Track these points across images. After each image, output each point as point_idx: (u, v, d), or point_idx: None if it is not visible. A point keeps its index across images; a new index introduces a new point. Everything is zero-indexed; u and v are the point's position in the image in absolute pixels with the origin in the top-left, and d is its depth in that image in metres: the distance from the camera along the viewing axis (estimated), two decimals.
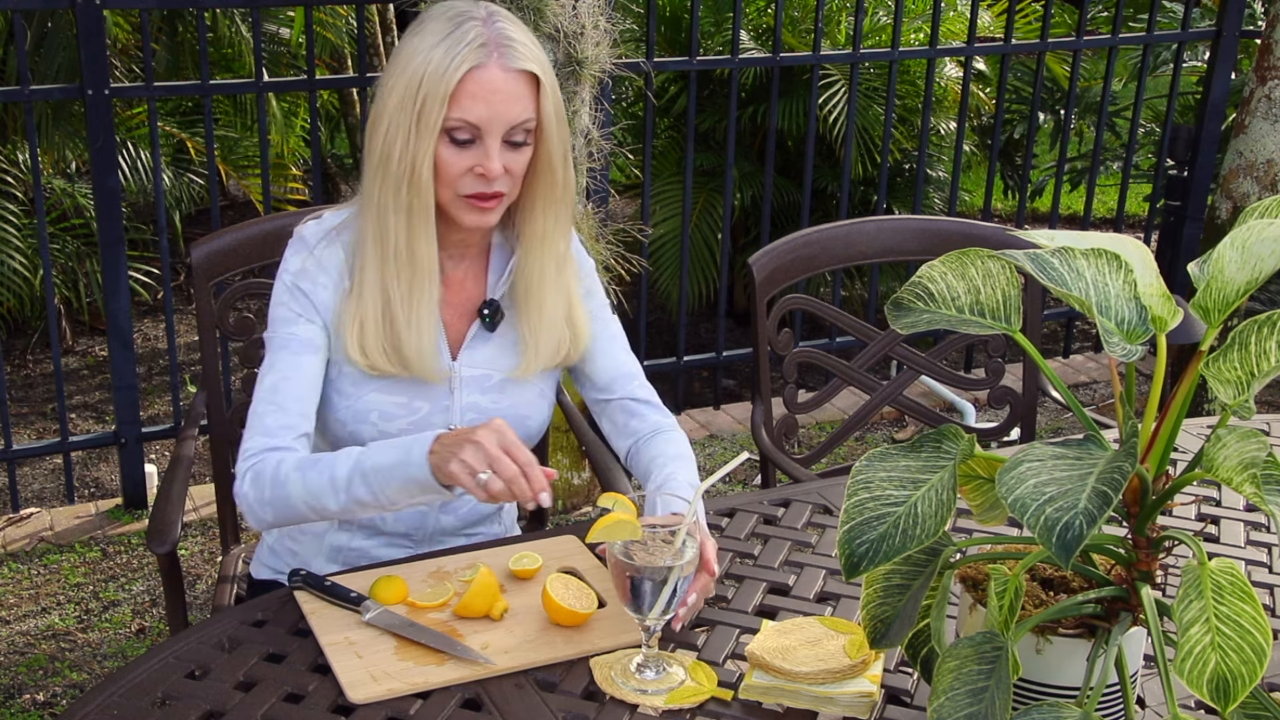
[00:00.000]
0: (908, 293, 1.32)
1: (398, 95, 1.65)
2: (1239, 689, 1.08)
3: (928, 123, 4.31)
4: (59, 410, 3.59)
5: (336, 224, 1.78)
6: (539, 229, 1.77)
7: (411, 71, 1.64)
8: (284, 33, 5.45)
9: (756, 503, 1.89)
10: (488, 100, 1.64)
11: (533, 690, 1.44)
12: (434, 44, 1.64)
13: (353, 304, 1.73)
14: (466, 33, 1.63)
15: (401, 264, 1.70)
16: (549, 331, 1.80)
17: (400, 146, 1.65)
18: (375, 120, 1.69)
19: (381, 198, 1.69)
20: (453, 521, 1.87)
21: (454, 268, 1.81)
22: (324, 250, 1.76)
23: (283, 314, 1.75)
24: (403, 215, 1.68)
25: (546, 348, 1.80)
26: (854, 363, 2.36)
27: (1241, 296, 1.22)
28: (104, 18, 3.26)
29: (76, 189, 4.79)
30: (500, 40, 1.64)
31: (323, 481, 1.62)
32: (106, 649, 3.04)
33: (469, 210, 1.70)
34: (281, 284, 1.76)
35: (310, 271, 1.75)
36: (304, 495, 1.64)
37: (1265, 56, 3.98)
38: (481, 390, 1.80)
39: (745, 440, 4.15)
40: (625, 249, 3.37)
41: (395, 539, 1.85)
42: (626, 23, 4.74)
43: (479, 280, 1.83)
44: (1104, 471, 1.12)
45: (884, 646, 1.30)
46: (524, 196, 1.76)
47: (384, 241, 1.70)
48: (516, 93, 1.65)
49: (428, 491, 1.57)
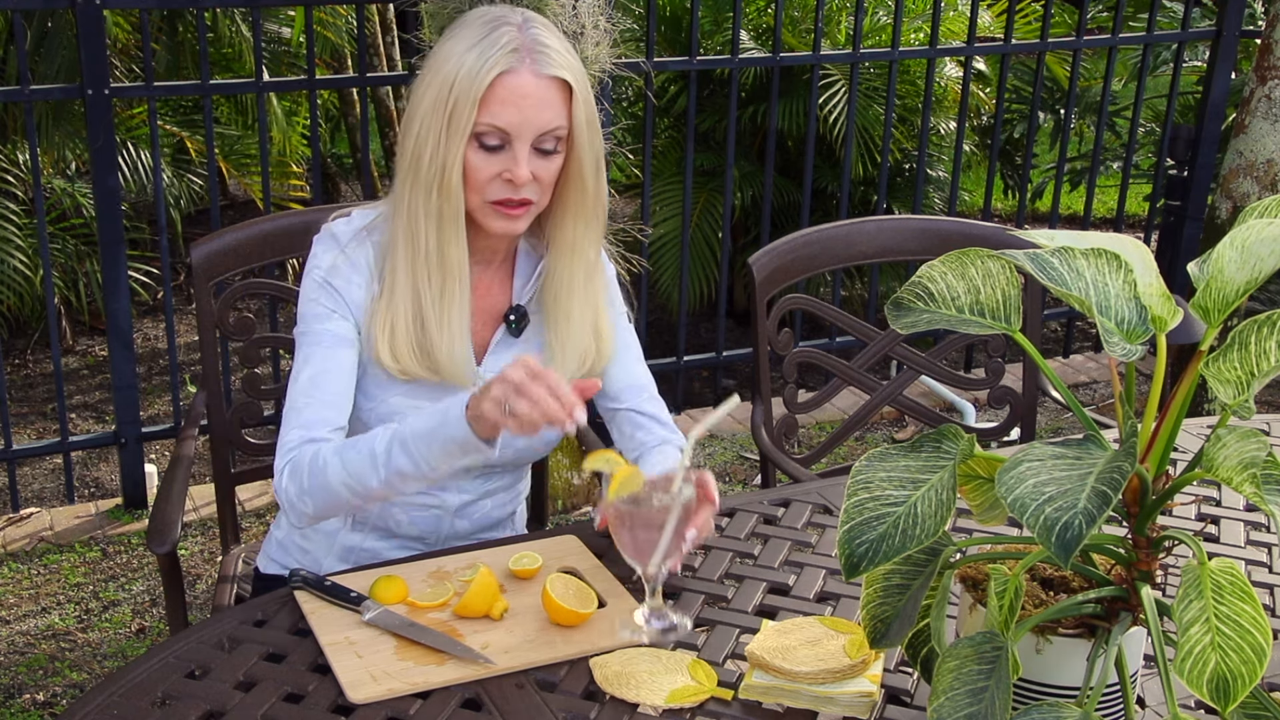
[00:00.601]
0: (908, 293, 1.32)
1: (430, 98, 1.65)
2: (1239, 689, 1.08)
3: (928, 123, 4.31)
4: (59, 410, 3.59)
5: (366, 224, 1.77)
6: (569, 238, 1.76)
7: (444, 75, 1.64)
8: (284, 32, 5.45)
9: (756, 503, 1.89)
10: (518, 105, 1.63)
11: (533, 690, 1.44)
12: (468, 48, 1.63)
13: (383, 307, 1.72)
14: (500, 37, 1.63)
15: (433, 267, 1.69)
16: (576, 341, 1.79)
17: (431, 150, 1.65)
18: (408, 123, 1.68)
19: (412, 201, 1.68)
20: (466, 526, 1.87)
21: (480, 272, 1.80)
22: (355, 249, 1.74)
23: (315, 310, 1.74)
24: (433, 219, 1.68)
25: (573, 357, 1.79)
26: (854, 363, 2.36)
27: (1241, 296, 1.22)
28: (104, 18, 3.26)
29: (76, 189, 4.79)
30: (533, 46, 1.64)
31: (362, 459, 1.61)
32: (106, 649, 3.04)
33: (496, 217, 1.69)
34: (312, 280, 1.75)
35: (342, 269, 1.74)
36: (344, 477, 1.62)
37: (1265, 56, 3.98)
38: None
39: (745, 440, 4.15)
40: (625, 249, 3.36)
41: (408, 541, 1.85)
42: (626, 23, 4.74)
43: (505, 286, 1.82)
44: (1104, 471, 1.12)
45: (884, 646, 1.30)
46: (555, 205, 1.75)
47: (415, 245, 1.69)
48: (547, 99, 1.64)
49: (468, 450, 1.54)
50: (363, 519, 1.84)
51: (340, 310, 1.73)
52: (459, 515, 1.85)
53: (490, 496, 1.87)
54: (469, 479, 1.83)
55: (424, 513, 1.83)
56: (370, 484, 1.61)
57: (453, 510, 1.84)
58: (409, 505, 1.82)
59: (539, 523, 2.27)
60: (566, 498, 3.67)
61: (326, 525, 1.86)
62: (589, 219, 1.76)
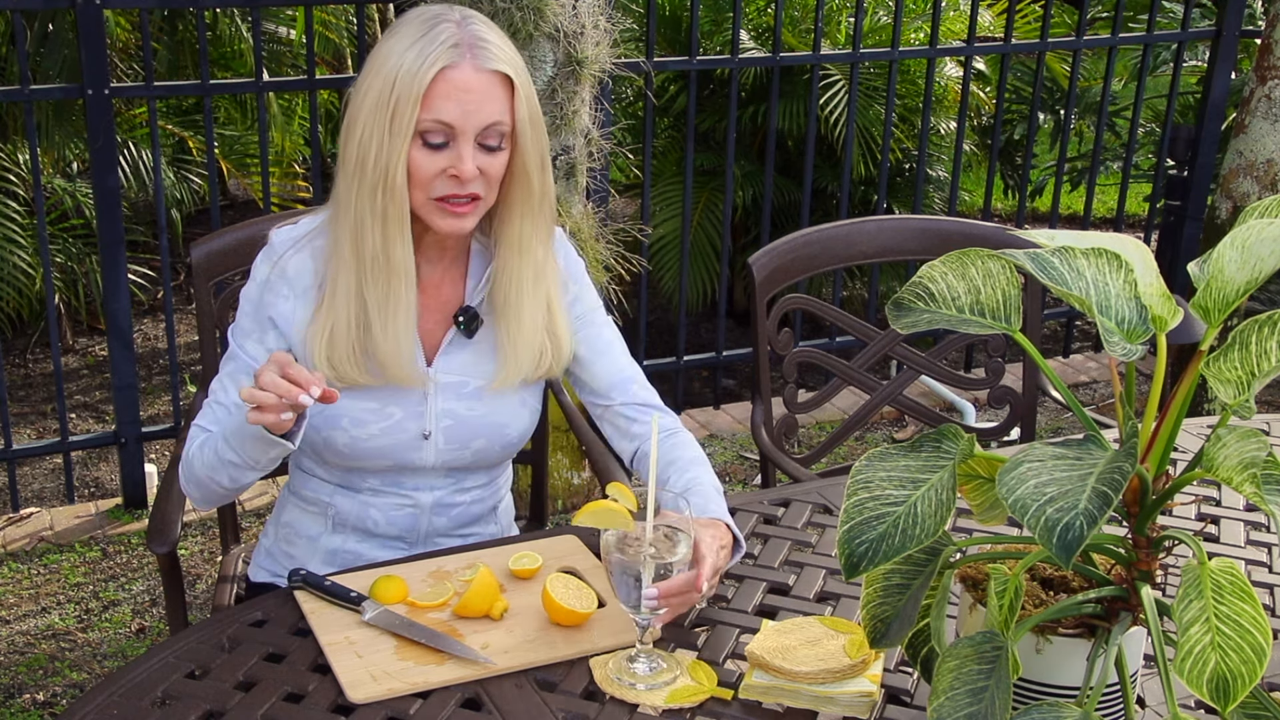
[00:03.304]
0: (908, 293, 1.32)
1: (372, 99, 1.65)
2: (1239, 689, 1.08)
3: (928, 122, 4.31)
4: (59, 410, 3.59)
5: (310, 229, 1.77)
6: (516, 235, 1.75)
7: (385, 74, 1.64)
8: (284, 32, 5.45)
9: (756, 503, 1.89)
10: (459, 100, 1.63)
11: (533, 690, 1.44)
12: (407, 46, 1.64)
13: (322, 313, 1.72)
14: (440, 34, 1.64)
15: (379, 269, 1.69)
16: (528, 341, 1.78)
17: (375, 150, 1.65)
18: (350, 125, 1.68)
19: (358, 203, 1.68)
20: (445, 523, 1.86)
21: (430, 271, 1.79)
22: (290, 259, 1.75)
23: (241, 323, 1.78)
24: (379, 220, 1.67)
25: (526, 358, 1.78)
26: (854, 363, 2.36)
27: (1241, 296, 1.22)
28: (104, 18, 3.26)
29: (77, 189, 4.79)
30: (474, 41, 1.64)
31: (210, 452, 1.70)
32: (106, 649, 3.04)
33: (443, 215, 1.69)
34: (246, 294, 1.79)
35: (274, 283, 1.75)
36: (204, 470, 1.71)
37: (1265, 56, 3.98)
38: (457, 396, 1.79)
39: (745, 440, 4.15)
40: (625, 249, 3.37)
41: (389, 541, 1.85)
42: (626, 23, 4.73)
43: (457, 285, 1.81)
44: (1104, 472, 1.12)
45: (884, 646, 1.30)
46: (501, 204, 1.75)
47: (360, 246, 1.69)
48: (489, 93, 1.65)
49: (268, 445, 1.60)
50: (341, 521, 1.84)
51: (263, 326, 1.76)
52: (435, 513, 1.84)
53: (466, 493, 1.86)
54: (436, 477, 1.82)
55: (399, 512, 1.83)
56: (219, 474, 1.70)
57: (428, 508, 1.83)
58: (384, 505, 1.82)
59: (539, 523, 2.27)
60: (566, 498, 3.67)
61: (308, 530, 1.86)
62: (536, 217, 1.75)
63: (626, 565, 1.43)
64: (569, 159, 3.18)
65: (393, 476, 1.81)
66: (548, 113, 3.09)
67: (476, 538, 1.90)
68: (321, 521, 1.85)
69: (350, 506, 1.82)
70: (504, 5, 2.94)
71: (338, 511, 1.83)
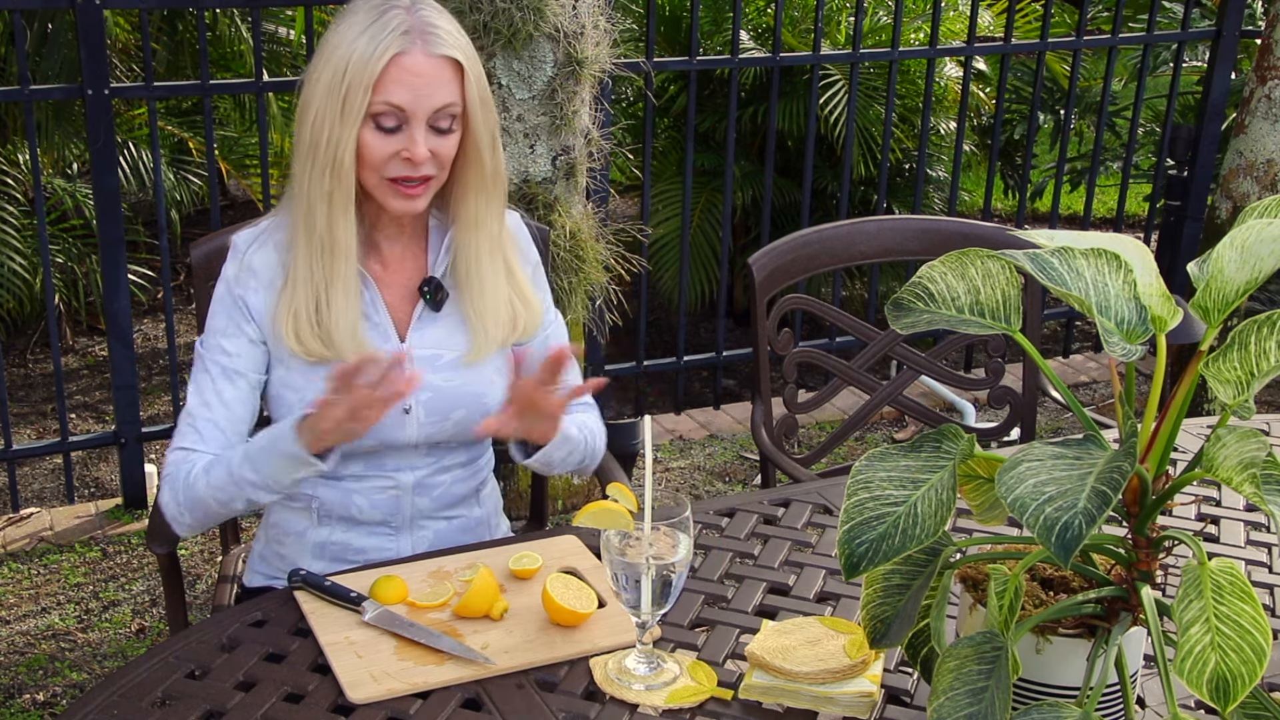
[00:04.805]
0: (908, 293, 1.32)
1: (324, 85, 1.69)
2: (1239, 689, 1.08)
3: (928, 123, 4.31)
4: (59, 410, 3.59)
5: (269, 225, 1.82)
6: (471, 213, 1.81)
7: (337, 60, 1.68)
8: (284, 32, 5.44)
9: (756, 503, 1.89)
10: (411, 85, 1.68)
11: (533, 690, 1.44)
12: (359, 33, 1.67)
13: (287, 296, 1.76)
14: (390, 20, 1.67)
15: (325, 248, 1.74)
16: (494, 311, 1.83)
17: (327, 134, 1.69)
18: (303, 110, 1.72)
19: (311, 187, 1.72)
20: (428, 504, 1.87)
21: (391, 248, 1.84)
22: (254, 254, 1.80)
23: (214, 323, 1.80)
24: (324, 201, 1.72)
25: (494, 328, 1.83)
26: (854, 363, 2.36)
27: (1241, 296, 1.22)
28: (104, 18, 3.26)
29: (76, 189, 4.79)
30: (424, 27, 1.68)
31: (222, 473, 1.70)
32: (106, 649, 3.04)
33: (395, 196, 1.74)
34: (216, 294, 1.81)
35: (243, 278, 1.79)
36: (210, 490, 1.71)
37: (1265, 56, 3.98)
38: (434, 369, 1.82)
39: (745, 440, 4.15)
40: (625, 249, 3.37)
41: (373, 527, 1.86)
42: (626, 23, 4.74)
43: (418, 259, 1.86)
44: (1103, 471, 1.12)
45: (884, 646, 1.30)
46: (455, 182, 1.80)
47: (310, 228, 1.74)
48: (440, 78, 1.69)
49: (300, 465, 1.63)
50: (326, 512, 1.85)
51: (238, 321, 1.78)
52: (418, 493, 1.86)
53: (447, 472, 1.88)
54: (418, 456, 1.84)
55: (381, 495, 1.84)
56: (230, 495, 1.70)
57: (410, 488, 1.85)
58: (366, 490, 1.83)
59: (539, 523, 2.27)
60: (566, 498, 3.67)
61: (294, 526, 1.87)
62: (489, 194, 1.81)
63: (627, 566, 1.43)
64: (569, 159, 3.17)
65: (375, 459, 1.82)
66: (548, 113, 3.10)
67: (462, 520, 1.91)
68: (307, 515, 1.86)
69: (333, 496, 1.83)
70: (504, 5, 2.94)
71: (322, 503, 1.84)
